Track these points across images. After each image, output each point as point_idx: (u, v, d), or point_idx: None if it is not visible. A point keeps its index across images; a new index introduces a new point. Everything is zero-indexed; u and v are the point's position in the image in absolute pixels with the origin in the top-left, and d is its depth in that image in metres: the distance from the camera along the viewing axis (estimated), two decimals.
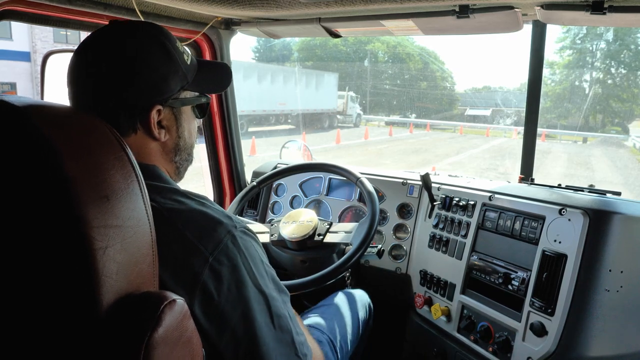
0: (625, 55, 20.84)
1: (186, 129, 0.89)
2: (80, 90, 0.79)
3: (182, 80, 0.84)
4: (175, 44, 0.85)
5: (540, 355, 1.17)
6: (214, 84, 0.99)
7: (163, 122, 0.83)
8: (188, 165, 0.94)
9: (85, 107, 0.79)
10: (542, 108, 2.40)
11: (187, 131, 0.89)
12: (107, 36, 0.80)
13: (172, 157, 0.88)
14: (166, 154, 0.87)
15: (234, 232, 0.76)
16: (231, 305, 0.72)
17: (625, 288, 1.14)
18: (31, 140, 0.46)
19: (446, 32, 1.56)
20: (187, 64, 0.86)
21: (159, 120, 0.82)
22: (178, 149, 0.88)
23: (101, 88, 0.77)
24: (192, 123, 0.91)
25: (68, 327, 0.48)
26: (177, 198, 0.77)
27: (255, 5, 1.36)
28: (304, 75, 20.36)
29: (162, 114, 0.82)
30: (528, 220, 1.30)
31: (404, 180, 1.75)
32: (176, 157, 0.89)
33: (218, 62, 1.00)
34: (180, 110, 0.86)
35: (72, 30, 11.91)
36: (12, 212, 0.46)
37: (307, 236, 1.44)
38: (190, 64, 0.87)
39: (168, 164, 0.88)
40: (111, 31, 0.81)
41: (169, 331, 0.50)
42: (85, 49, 0.80)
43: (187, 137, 0.89)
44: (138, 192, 0.53)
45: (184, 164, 0.92)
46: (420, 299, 1.55)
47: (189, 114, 0.90)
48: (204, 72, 0.91)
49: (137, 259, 0.52)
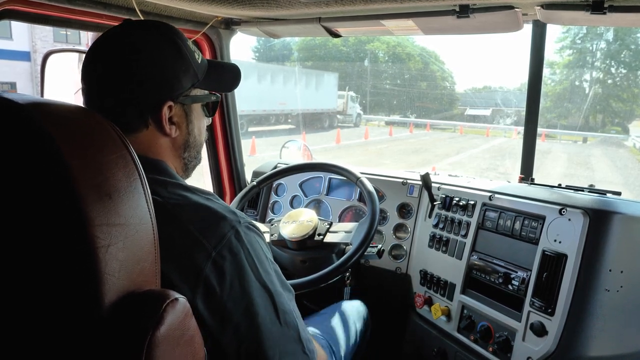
0: (626, 55, 20.85)
1: (196, 126, 0.90)
2: (92, 86, 0.81)
3: (193, 77, 0.86)
4: (187, 43, 0.86)
5: (540, 355, 1.17)
6: (223, 83, 1.01)
7: (174, 118, 0.84)
8: (196, 163, 0.96)
9: (96, 102, 0.81)
10: (542, 108, 2.40)
11: (197, 128, 0.91)
12: (119, 34, 0.82)
13: (181, 153, 0.89)
14: (175, 150, 0.88)
15: (238, 227, 0.76)
16: (234, 300, 0.72)
17: (625, 288, 1.14)
18: (34, 138, 0.46)
19: (446, 32, 1.56)
20: (198, 63, 0.87)
21: (170, 117, 0.83)
22: (187, 146, 0.89)
23: (112, 84, 0.79)
24: (202, 121, 0.93)
25: (70, 325, 0.48)
26: (181, 193, 0.77)
27: (256, 5, 1.36)
28: (304, 75, 20.37)
29: (173, 110, 0.84)
30: (528, 220, 1.30)
31: (404, 180, 1.75)
32: (185, 154, 0.90)
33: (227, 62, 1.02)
34: (190, 107, 0.88)
35: (72, 30, 11.91)
36: (15, 210, 0.46)
37: (307, 236, 1.44)
38: (200, 63, 0.89)
39: (176, 159, 0.89)
40: (123, 29, 0.82)
41: (171, 330, 0.50)
42: (98, 46, 0.81)
43: (196, 135, 0.91)
44: (141, 191, 0.53)
45: (192, 161, 0.94)
46: (420, 298, 1.55)
47: (199, 111, 0.91)
48: (213, 72, 0.93)
49: (139, 257, 0.52)
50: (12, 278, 0.48)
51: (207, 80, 0.90)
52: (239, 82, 1.03)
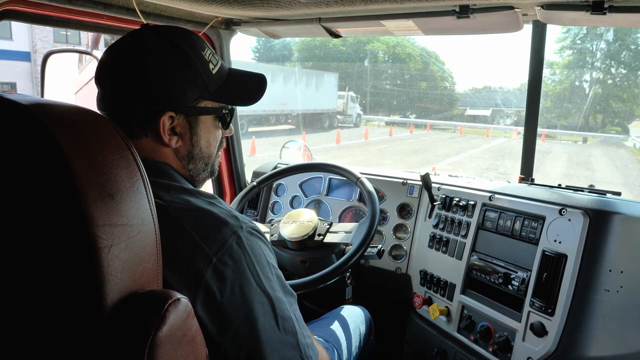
0: (626, 56, 20.87)
1: (203, 138, 0.87)
2: (102, 90, 0.82)
3: (201, 89, 0.83)
4: (201, 52, 0.84)
5: (540, 355, 1.17)
6: (241, 95, 0.93)
7: (177, 128, 0.83)
8: (206, 176, 0.92)
9: (105, 107, 0.82)
10: (542, 108, 2.40)
11: (203, 140, 0.87)
12: (130, 40, 0.82)
13: (185, 164, 0.86)
14: (179, 160, 0.86)
15: (240, 232, 0.76)
16: (234, 306, 0.72)
17: (625, 288, 1.14)
18: (37, 138, 0.46)
19: (446, 32, 1.56)
20: (210, 73, 0.84)
21: (173, 127, 0.82)
22: (192, 157, 0.86)
23: (117, 91, 0.80)
24: (212, 133, 0.89)
25: (73, 325, 0.48)
26: (184, 197, 0.77)
27: (256, 5, 1.37)
28: (304, 76, 20.37)
29: (176, 120, 0.82)
30: (528, 220, 1.30)
31: (404, 180, 1.76)
32: (189, 165, 0.87)
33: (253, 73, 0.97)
34: (197, 119, 0.85)
35: (72, 30, 11.91)
36: (18, 210, 0.47)
37: (307, 236, 1.44)
38: (215, 74, 0.86)
39: (181, 170, 0.87)
40: (136, 35, 0.82)
41: (173, 330, 0.50)
42: (110, 51, 0.82)
43: (203, 147, 0.87)
44: (143, 191, 0.53)
45: (200, 174, 0.90)
46: (419, 299, 1.55)
47: (210, 123, 0.87)
48: (232, 83, 0.89)
49: (141, 258, 0.52)
50: (14, 278, 0.48)
51: (222, 91, 0.87)
52: (261, 94, 0.94)
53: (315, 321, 1.42)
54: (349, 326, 1.41)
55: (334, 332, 1.34)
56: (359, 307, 1.56)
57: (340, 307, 1.51)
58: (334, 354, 1.24)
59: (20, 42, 16.13)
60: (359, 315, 1.50)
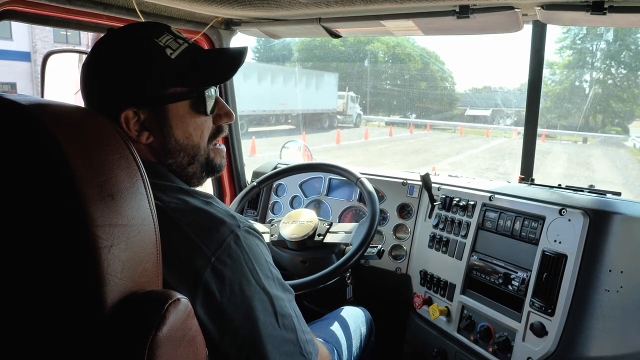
0: (626, 56, 20.87)
1: (178, 129, 0.81)
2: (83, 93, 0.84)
3: (159, 78, 0.78)
4: (154, 40, 0.79)
5: (540, 356, 1.17)
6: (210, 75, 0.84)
7: (145, 123, 0.79)
8: (197, 171, 0.87)
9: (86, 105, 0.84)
10: (542, 108, 2.40)
11: (179, 131, 0.82)
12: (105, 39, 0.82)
13: (163, 159, 0.83)
14: (156, 157, 0.82)
15: (237, 231, 0.76)
16: (234, 305, 0.72)
17: (625, 288, 1.14)
18: (37, 138, 0.46)
19: (446, 33, 1.56)
20: (168, 59, 0.79)
21: (142, 122, 0.79)
22: (168, 151, 0.82)
23: (83, 95, 0.82)
24: (189, 122, 0.83)
25: (73, 325, 0.48)
26: (181, 197, 0.77)
27: (256, 5, 1.37)
28: (304, 76, 20.38)
29: (142, 115, 0.79)
30: (528, 220, 1.30)
31: (404, 180, 1.76)
32: (169, 160, 0.83)
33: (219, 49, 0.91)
34: (165, 109, 0.80)
35: (72, 30, 11.92)
36: (18, 210, 0.47)
37: (307, 236, 1.44)
38: (175, 58, 0.80)
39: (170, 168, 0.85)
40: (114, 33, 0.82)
41: (173, 330, 0.50)
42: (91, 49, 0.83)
43: (179, 138, 0.82)
44: (143, 191, 0.53)
45: (187, 168, 0.86)
46: (418, 299, 1.55)
47: (183, 111, 0.82)
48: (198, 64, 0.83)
49: (141, 258, 0.52)
50: (14, 278, 0.48)
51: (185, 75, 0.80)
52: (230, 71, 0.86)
53: (316, 322, 1.42)
54: (349, 327, 1.41)
55: (334, 332, 1.34)
56: (360, 308, 1.56)
57: (341, 308, 1.51)
58: (334, 354, 1.24)
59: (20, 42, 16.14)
60: (360, 316, 1.50)
